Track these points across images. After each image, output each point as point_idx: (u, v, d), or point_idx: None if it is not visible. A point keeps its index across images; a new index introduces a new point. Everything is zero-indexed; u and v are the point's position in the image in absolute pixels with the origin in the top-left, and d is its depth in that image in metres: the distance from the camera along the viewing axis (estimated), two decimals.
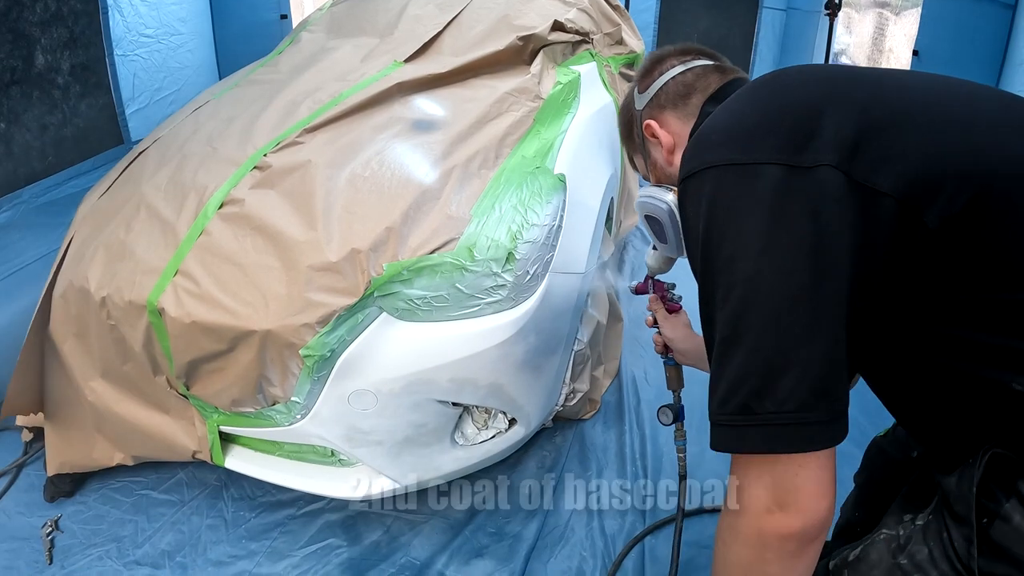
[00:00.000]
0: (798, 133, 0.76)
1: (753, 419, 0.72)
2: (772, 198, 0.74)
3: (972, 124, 0.77)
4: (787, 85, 0.85)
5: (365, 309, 1.46)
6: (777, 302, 0.73)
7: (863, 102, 0.78)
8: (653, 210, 1.14)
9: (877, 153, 0.74)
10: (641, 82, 1.16)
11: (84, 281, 1.65)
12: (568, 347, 1.77)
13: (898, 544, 0.86)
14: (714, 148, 0.81)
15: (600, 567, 1.75)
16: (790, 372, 0.71)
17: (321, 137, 1.76)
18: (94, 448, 1.85)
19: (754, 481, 0.75)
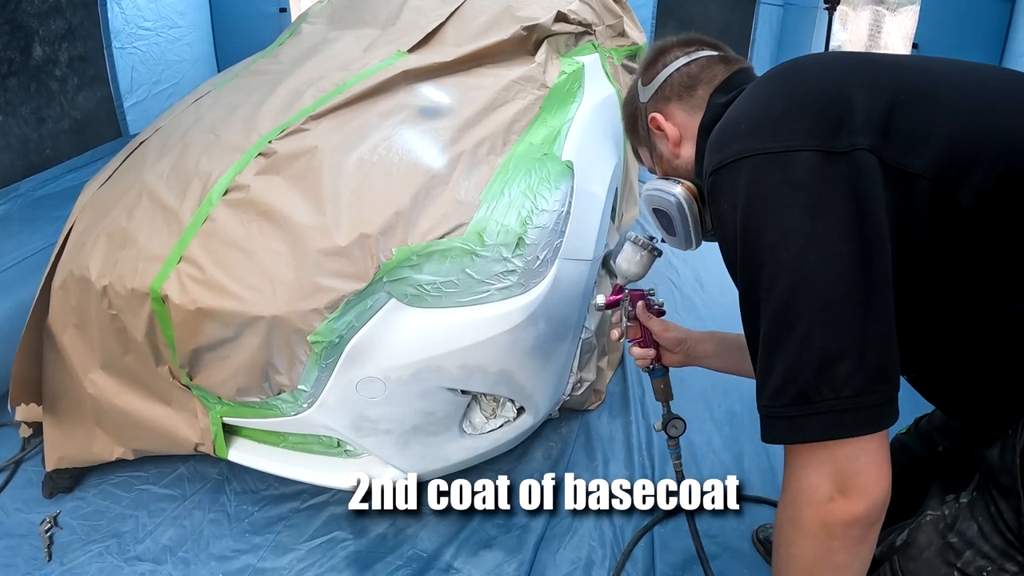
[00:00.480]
0: (830, 118, 0.76)
1: (811, 408, 0.72)
2: (811, 184, 0.74)
3: (995, 103, 0.78)
4: (808, 72, 0.85)
5: (374, 294, 1.45)
6: (826, 288, 0.72)
7: (888, 86, 0.79)
8: (661, 203, 1.11)
9: (908, 136, 0.74)
10: (645, 74, 1.14)
11: (85, 270, 1.63)
12: (576, 335, 1.76)
13: (946, 524, 0.86)
14: (744, 138, 0.80)
15: (610, 557, 1.74)
16: (847, 357, 0.71)
17: (327, 124, 1.74)
18: (94, 442, 1.82)
19: (815, 471, 0.75)
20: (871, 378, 0.71)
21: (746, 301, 0.80)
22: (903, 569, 0.87)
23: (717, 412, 2.18)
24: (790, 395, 0.74)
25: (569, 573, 1.70)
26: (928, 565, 0.85)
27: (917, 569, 0.86)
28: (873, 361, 0.71)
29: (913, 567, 0.86)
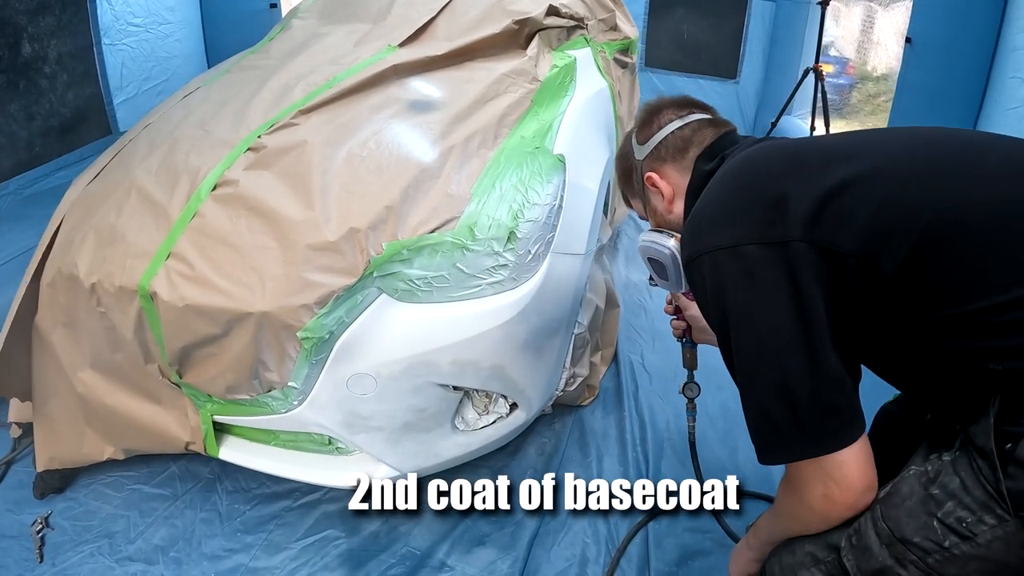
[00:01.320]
0: (768, 214, 0.95)
1: (784, 439, 0.93)
2: (756, 272, 0.94)
3: (911, 178, 0.94)
4: (758, 170, 1.04)
5: (364, 290, 1.43)
6: (777, 352, 0.92)
7: (820, 176, 0.95)
8: (656, 254, 1.28)
9: (834, 220, 0.92)
10: (640, 133, 1.28)
11: (73, 268, 1.61)
12: (569, 330, 1.75)
13: (928, 477, 0.91)
14: (704, 235, 1.01)
15: (604, 553, 1.73)
16: (802, 402, 0.91)
17: (316, 118, 1.72)
18: (84, 442, 1.80)
19: (809, 476, 0.94)
20: (825, 413, 0.91)
21: (726, 362, 1.02)
22: (884, 515, 0.91)
23: (711, 407, 2.17)
24: (765, 431, 0.95)
25: (564, 570, 1.69)
26: (909, 513, 0.89)
27: (898, 516, 0.90)
28: (823, 401, 0.91)
29: (894, 514, 0.90)
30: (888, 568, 0.90)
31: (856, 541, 0.94)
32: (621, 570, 1.69)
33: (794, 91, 3.83)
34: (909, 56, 3.41)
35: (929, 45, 3.26)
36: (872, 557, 0.91)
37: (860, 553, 0.93)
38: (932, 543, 0.86)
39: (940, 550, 0.86)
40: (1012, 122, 2.70)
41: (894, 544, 0.89)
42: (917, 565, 0.87)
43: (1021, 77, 2.68)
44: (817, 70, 3.65)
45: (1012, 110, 2.73)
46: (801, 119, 4.41)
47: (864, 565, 0.92)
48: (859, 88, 5.98)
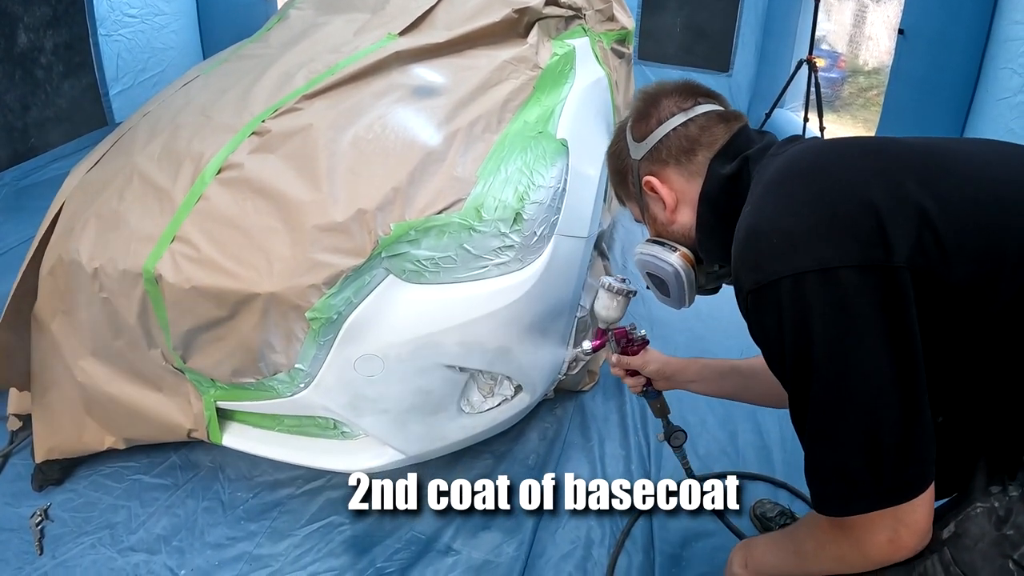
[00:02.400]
0: (864, 231, 0.79)
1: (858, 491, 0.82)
2: (853, 302, 0.79)
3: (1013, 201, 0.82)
4: (829, 172, 0.87)
5: (372, 270, 1.44)
6: (869, 398, 0.80)
7: (911, 189, 0.81)
8: (657, 271, 1.12)
9: (934, 244, 0.78)
10: (636, 127, 1.10)
11: (75, 254, 1.59)
12: (572, 312, 1.76)
13: (998, 516, 0.85)
14: (780, 256, 0.83)
15: (608, 535, 1.74)
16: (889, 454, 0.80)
17: (321, 103, 1.73)
18: (84, 432, 1.79)
19: (876, 525, 0.83)
20: (910, 465, 0.80)
21: (794, 403, 0.88)
22: (956, 560, 0.85)
23: None
24: (839, 484, 0.84)
25: (569, 552, 1.70)
26: (983, 556, 0.83)
27: (972, 560, 0.84)
28: (911, 454, 0.80)
29: (968, 558, 0.84)
30: None
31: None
32: (626, 552, 1.70)
33: (787, 83, 3.86)
34: (902, 47, 3.45)
35: (922, 36, 3.30)
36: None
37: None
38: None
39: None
40: (1004, 112, 2.74)
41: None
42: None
43: (1013, 68, 2.72)
44: (810, 62, 3.67)
45: (1003, 100, 2.77)
46: (794, 112, 4.45)
47: None
48: (851, 82, 6.04)
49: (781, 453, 1.98)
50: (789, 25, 4.50)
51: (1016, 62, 2.69)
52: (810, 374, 0.83)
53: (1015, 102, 2.63)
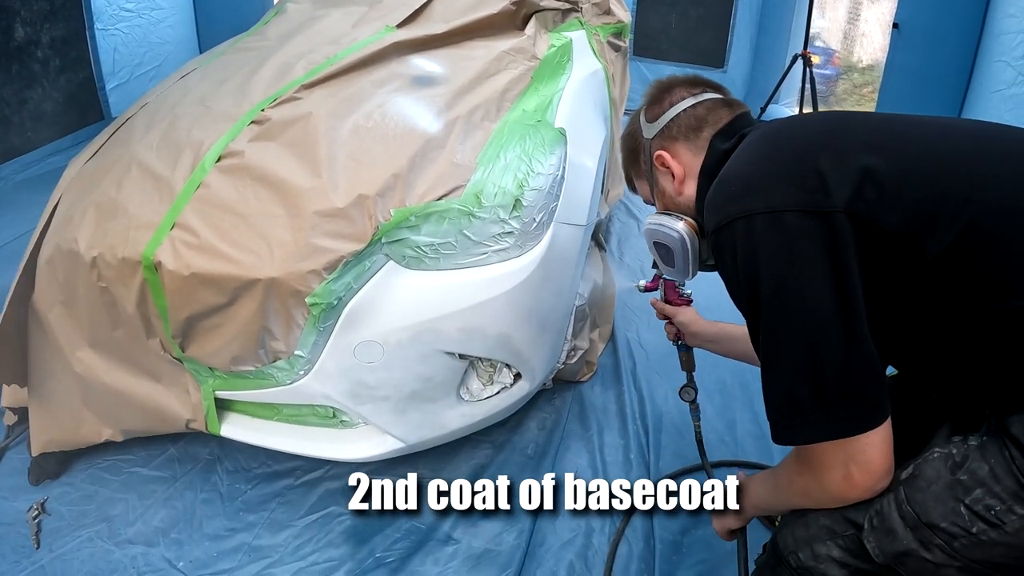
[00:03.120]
0: (809, 181, 0.90)
1: (807, 419, 0.89)
2: (794, 241, 0.88)
3: (956, 163, 0.90)
4: (793, 136, 1.00)
5: (372, 256, 1.44)
6: (810, 329, 0.87)
7: (859, 149, 0.91)
8: (664, 238, 1.19)
9: (875, 195, 0.87)
10: (649, 110, 1.21)
11: (73, 243, 1.58)
12: (570, 300, 1.77)
13: (954, 462, 0.88)
14: (737, 199, 0.95)
15: (609, 523, 1.75)
16: (830, 385, 0.87)
17: (320, 92, 1.73)
18: (81, 424, 1.78)
19: (830, 459, 0.90)
20: (855, 396, 0.87)
21: (752, 334, 0.96)
22: (909, 499, 0.88)
23: (708, 382, 2.19)
24: (788, 411, 0.90)
25: (570, 541, 1.70)
26: (936, 498, 0.87)
27: (924, 500, 0.87)
28: (854, 384, 0.87)
29: (920, 498, 0.88)
30: (912, 551, 0.88)
31: (878, 523, 0.91)
32: (626, 540, 1.71)
33: (783, 77, 3.89)
34: (896, 41, 3.48)
35: (916, 30, 3.33)
36: (896, 540, 0.89)
37: (883, 535, 0.91)
38: (959, 528, 0.84)
39: (967, 535, 0.84)
40: (997, 103, 2.77)
41: (919, 528, 0.87)
42: (943, 549, 0.86)
43: (1006, 60, 2.74)
44: (805, 57, 3.69)
45: (997, 92, 2.79)
46: (788, 108, 4.48)
47: (887, 547, 0.91)
48: (845, 79, 6.06)
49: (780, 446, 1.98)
50: (784, 21, 4.53)
51: (1009, 55, 2.72)
52: (759, 306, 0.92)
53: (1008, 94, 2.65)
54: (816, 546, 0.99)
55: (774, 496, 1.12)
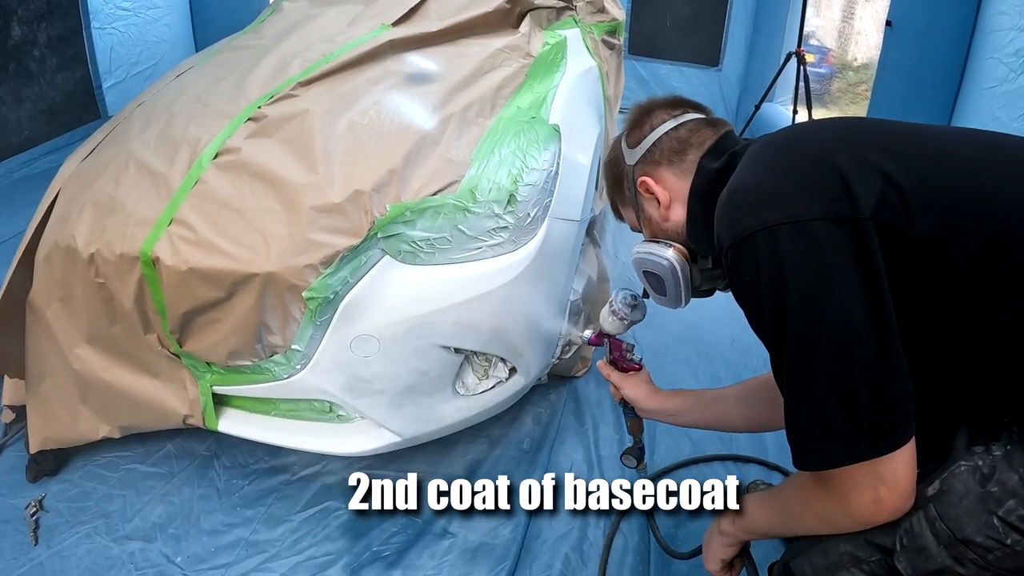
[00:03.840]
0: (832, 188, 0.86)
1: (835, 439, 0.85)
2: (821, 251, 0.85)
3: (977, 171, 0.88)
4: (805, 141, 0.97)
5: (368, 251, 1.45)
6: (840, 343, 0.84)
7: (879, 153, 0.89)
8: (653, 266, 1.16)
9: (899, 201, 0.84)
10: (630, 136, 1.18)
11: (70, 240, 1.59)
12: (565, 295, 1.78)
13: (983, 474, 0.87)
14: (754, 211, 0.90)
15: (604, 518, 1.75)
16: (861, 398, 0.83)
17: (316, 90, 1.74)
18: (79, 421, 1.79)
19: (857, 483, 0.86)
20: (887, 411, 0.83)
21: (773, 351, 0.91)
22: (942, 515, 0.87)
23: (702, 377, 2.21)
24: (817, 433, 0.86)
25: (565, 534, 1.72)
26: (968, 512, 0.85)
27: (958, 515, 0.86)
28: (887, 399, 0.83)
29: (953, 514, 0.86)
30: (947, 568, 0.86)
31: (909, 543, 0.89)
32: (621, 533, 1.72)
33: (776, 75, 3.90)
34: (889, 39, 3.50)
35: (909, 27, 3.35)
36: (930, 558, 0.87)
37: (915, 555, 0.88)
38: (993, 541, 0.83)
39: (1001, 547, 0.83)
40: (989, 100, 2.78)
41: (954, 545, 0.85)
42: (976, 563, 0.84)
43: (998, 57, 2.76)
44: (799, 54, 3.71)
45: (989, 89, 2.81)
46: (783, 106, 4.49)
47: (920, 567, 0.88)
48: (840, 77, 6.09)
49: (774, 436, 1.99)
50: (778, 19, 4.54)
51: (1001, 51, 2.73)
52: (785, 322, 0.87)
53: (1000, 91, 2.67)
54: (839, 574, 0.96)
55: (781, 521, 1.05)
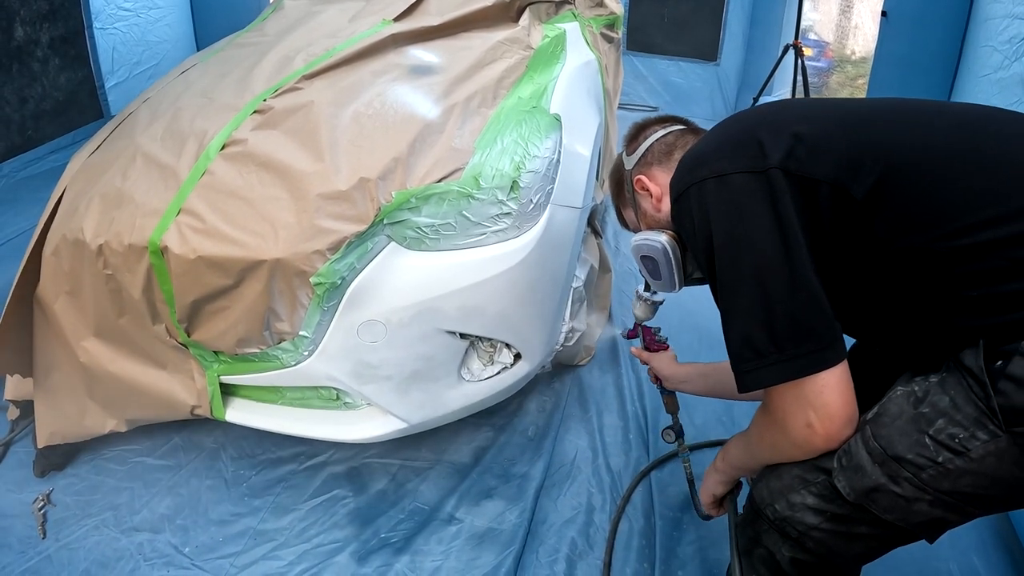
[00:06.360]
0: (750, 150, 1.02)
1: (765, 361, 0.95)
2: (740, 198, 1.00)
3: (872, 121, 1.03)
4: (737, 120, 1.15)
5: (374, 237, 1.47)
6: (758, 273, 0.96)
7: (792, 123, 1.04)
8: (649, 250, 1.29)
9: (805, 154, 0.99)
10: (628, 146, 1.38)
11: (79, 233, 1.60)
12: (568, 282, 1.80)
13: (916, 397, 0.92)
14: (691, 171, 1.08)
15: (610, 501, 1.78)
16: (781, 322, 0.94)
17: (321, 82, 1.76)
18: (86, 415, 1.80)
19: (790, 404, 0.97)
20: (804, 333, 0.94)
21: (713, 292, 1.06)
22: (875, 434, 0.93)
23: None
24: (748, 355, 0.97)
25: (571, 518, 1.73)
26: (900, 431, 0.91)
27: (889, 434, 0.91)
28: (803, 322, 0.94)
29: (885, 432, 0.92)
30: (881, 486, 0.91)
31: (847, 462, 0.95)
32: (627, 517, 1.74)
33: (774, 67, 3.92)
34: (885, 29, 3.52)
35: (904, 18, 3.38)
36: (865, 476, 0.92)
37: (852, 473, 0.94)
38: (925, 459, 0.88)
39: (933, 465, 0.87)
40: (985, 88, 2.80)
41: (887, 462, 0.90)
42: (911, 481, 0.89)
43: (993, 45, 2.77)
44: (797, 47, 3.73)
45: (984, 77, 2.83)
46: (780, 98, 4.51)
47: (857, 484, 0.93)
48: (838, 71, 6.10)
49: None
50: (775, 14, 4.57)
51: (996, 40, 2.75)
52: (713, 260, 1.01)
53: (995, 78, 2.68)
54: (791, 496, 1.03)
55: (748, 454, 1.18)
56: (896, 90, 3.45)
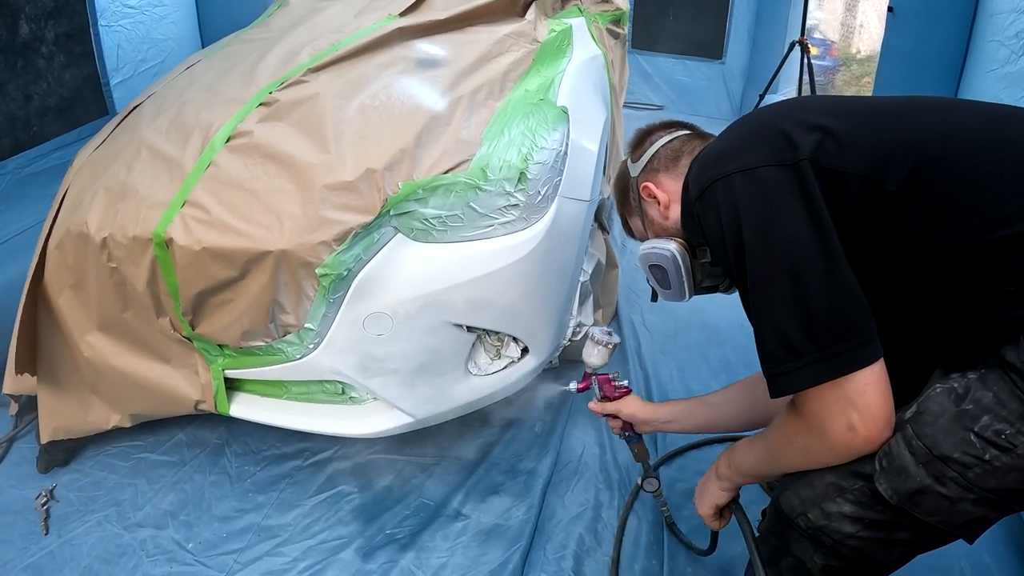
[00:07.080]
0: (777, 142, 0.99)
1: (802, 361, 0.91)
2: (770, 191, 0.97)
3: (902, 117, 1.01)
4: (758, 114, 1.13)
5: (381, 228, 1.46)
6: (793, 267, 0.92)
7: (820, 116, 1.02)
8: (658, 259, 1.25)
9: (835, 147, 0.97)
10: (633, 153, 1.34)
11: (83, 226, 1.59)
12: (575, 275, 1.79)
13: (957, 394, 0.89)
14: (714, 166, 1.04)
15: (618, 498, 1.76)
16: (820, 317, 0.90)
17: (326, 75, 1.76)
18: (89, 411, 1.79)
19: (831, 406, 0.91)
20: (843, 328, 0.90)
21: (740, 289, 1.02)
22: (918, 434, 0.89)
23: (712, 361, 2.22)
24: (783, 356, 0.93)
25: (579, 515, 1.72)
26: (944, 430, 0.88)
27: (934, 434, 0.88)
28: (842, 316, 0.90)
29: (929, 432, 0.89)
30: (927, 487, 0.88)
31: (888, 464, 0.91)
32: (635, 513, 1.72)
33: (780, 64, 3.91)
34: (892, 25, 3.52)
35: (911, 13, 3.38)
36: (909, 478, 0.89)
37: (894, 475, 0.91)
38: (971, 457, 0.85)
39: (980, 463, 0.85)
40: (992, 83, 2.79)
41: (932, 462, 0.87)
42: (956, 481, 0.86)
43: (1000, 40, 2.76)
44: (802, 43, 3.72)
45: (991, 72, 2.82)
46: (786, 96, 4.50)
47: (900, 487, 0.90)
48: (844, 70, 6.09)
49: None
50: (781, 12, 4.57)
51: (1003, 34, 2.74)
52: (743, 256, 0.98)
53: (1003, 73, 2.67)
54: (825, 504, 0.99)
55: (768, 460, 1.11)
56: (903, 85, 3.45)
